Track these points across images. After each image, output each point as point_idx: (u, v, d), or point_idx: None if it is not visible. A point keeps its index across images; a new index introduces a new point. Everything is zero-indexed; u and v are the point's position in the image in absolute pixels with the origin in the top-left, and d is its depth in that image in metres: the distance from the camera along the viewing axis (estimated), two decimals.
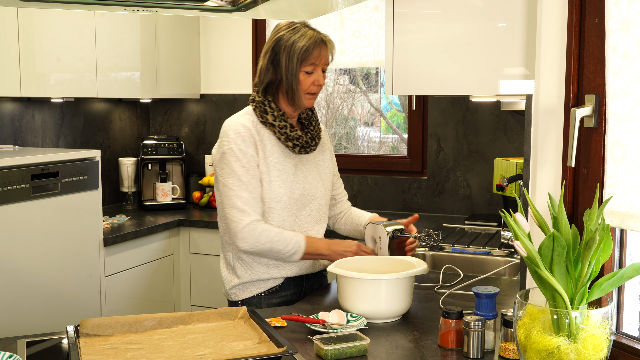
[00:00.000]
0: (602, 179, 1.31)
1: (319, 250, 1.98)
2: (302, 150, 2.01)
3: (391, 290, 1.72)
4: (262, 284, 2.04)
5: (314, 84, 1.98)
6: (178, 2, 1.81)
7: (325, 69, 2.02)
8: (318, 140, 2.07)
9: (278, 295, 2.05)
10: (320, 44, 1.97)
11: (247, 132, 1.95)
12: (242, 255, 2.02)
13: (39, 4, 1.82)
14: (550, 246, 1.18)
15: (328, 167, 2.15)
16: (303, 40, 1.95)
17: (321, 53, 1.97)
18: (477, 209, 3.47)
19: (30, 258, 2.53)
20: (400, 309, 1.75)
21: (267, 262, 2.01)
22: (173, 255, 3.43)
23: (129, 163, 3.72)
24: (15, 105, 3.17)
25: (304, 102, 2.00)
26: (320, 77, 1.99)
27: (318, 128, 2.10)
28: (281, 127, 1.98)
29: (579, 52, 1.35)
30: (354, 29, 3.59)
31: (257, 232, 1.92)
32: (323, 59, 1.98)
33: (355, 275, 1.73)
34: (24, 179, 2.49)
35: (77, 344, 1.49)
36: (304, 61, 1.95)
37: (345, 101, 3.95)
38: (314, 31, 1.98)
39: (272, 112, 1.99)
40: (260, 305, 2.04)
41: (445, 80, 1.76)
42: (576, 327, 1.17)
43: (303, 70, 1.97)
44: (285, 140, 1.98)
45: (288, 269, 2.03)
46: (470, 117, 3.47)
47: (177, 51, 3.82)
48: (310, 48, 1.95)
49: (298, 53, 1.94)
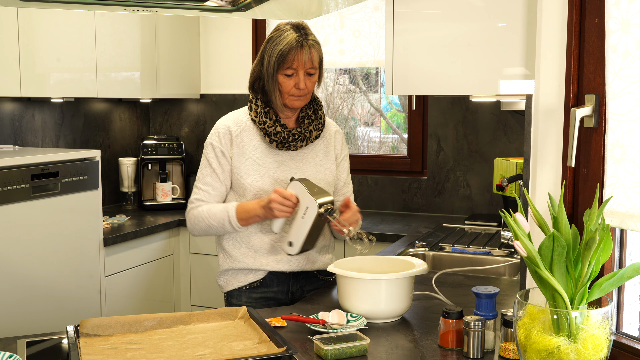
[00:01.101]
0: (602, 179, 1.31)
1: (252, 211, 1.98)
2: (280, 146, 2.03)
3: (391, 290, 1.72)
4: (242, 277, 2.08)
5: (295, 87, 1.99)
6: (178, 2, 1.81)
7: (311, 72, 2.00)
8: (307, 139, 2.07)
9: (259, 291, 2.07)
10: (297, 48, 1.96)
11: (224, 130, 2.06)
12: (224, 244, 2.11)
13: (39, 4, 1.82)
14: (550, 246, 1.18)
15: (329, 169, 2.14)
16: (282, 43, 1.97)
17: (297, 57, 1.96)
18: (477, 209, 3.47)
19: (30, 258, 2.53)
20: (400, 308, 1.75)
21: (244, 252, 2.06)
22: (173, 255, 3.44)
23: (129, 163, 3.72)
24: (15, 105, 3.17)
25: (288, 103, 2.02)
26: (300, 80, 1.98)
27: (312, 128, 2.08)
28: (261, 122, 2.04)
29: (579, 52, 1.35)
30: (354, 29, 3.59)
31: (193, 215, 2.08)
32: (301, 63, 1.97)
33: (355, 275, 1.73)
34: (24, 179, 2.49)
35: (77, 344, 1.49)
36: (281, 65, 1.98)
37: (345, 101, 3.95)
38: (297, 34, 1.97)
39: (257, 108, 2.06)
40: (240, 298, 2.08)
41: (445, 80, 1.76)
42: (576, 327, 1.17)
43: (282, 73, 1.99)
44: (265, 135, 2.04)
45: (265, 260, 2.05)
46: (470, 117, 3.47)
47: (177, 51, 3.82)
48: (286, 52, 1.96)
49: (276, 56, 1.97)
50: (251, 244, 2.06)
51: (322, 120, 2.12)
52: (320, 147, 2.13)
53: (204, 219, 2.04)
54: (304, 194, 1.93)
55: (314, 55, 2.00)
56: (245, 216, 1.99)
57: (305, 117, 2.10)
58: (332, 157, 2.16)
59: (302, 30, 1.99)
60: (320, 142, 2.13)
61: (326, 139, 2.15)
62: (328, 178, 2.12)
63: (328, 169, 2.13)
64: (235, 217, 1.99)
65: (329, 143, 2.16)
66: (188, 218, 2.11)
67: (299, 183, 1.94)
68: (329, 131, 2.17)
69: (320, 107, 2.14)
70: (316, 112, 2.12)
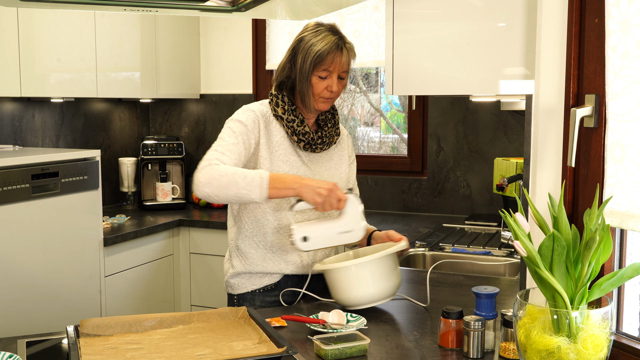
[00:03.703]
0: (602, 179, 1.31)
1: (287, 183, 1.81)
2: (307, 146, 2.00)
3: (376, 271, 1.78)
4: (257, 280, 2.03)
5: (326, 89, 1.98)
6: (178, 2, 1.81)
7: (343, 75, 2.00)
8: (330, 143, 2.06)
9: (273, 294, 2.03)
10: (336, 50, 1.94)
11: (253, 115, 1.98)
12: (240, 244, 2.03)
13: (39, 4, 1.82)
14: (550, 246, 1.18)
15: (343, 172, 2.13)
16: (320, 44, 1.94)
17: (335, 60, 1.95)
18: (477, 209, 3.47)
19: (30, 258, 2.53)
20: (390, 287, 1.80)
21: (263, 254, 2.01)
22: (173, 255, 3.44)
23: (129, 163, 3.72)
24: (15, 105, 3.17)
25: (316, 106, 2.00)
26: (333, 83, 1.97)
27: (334, 132, 2.08)
28: (289, 120, 1.99)
29: (579, 52, 1.35)
30: (354, 29, 3.59)
31: (213, 169, 1.84)
32: (337, 66, 1.96)
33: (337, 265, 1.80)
34: (24, 179, 2.49)
35: (77, 344, 1.49)
36: (317, 65, 1.94)
37: (345, 101, 3.95)
38: (336, 37, 1.96)
39: (284, 105, 2.01)
40: (253, 301, 2.03)
41: (445, 80, 1.76)
42: (576, 327, 1.17)
43: (316, 74, 1.96)
44: (292, 134, 1.99)
45: (284, 264, 2.01)
46: (470, 117, 3.47)
47: (177, 51, 3.82)
48: (325, 54, 1.93)
49: (312, 57, 1.94)
50: (268, 245, 2.00)
51: (339, 125, 2.13)
52: (335, 150, 2.13)
53: (229, 174, 1.82)
54: (355, 215, 1.85)
55: (349, 59, 2.00)
56: (279, 185, 1.82)
57: (327, 121, 2.10)
58: (346, 160, 2.15)
59: (338, 33, 1.98)
60: (335, 146, 2.13)
61: (339, 142, 2.15)
62: (342, 182, 2.12)
63: (343, 172, 2.12)
64: (268, 183, 1.81)
65: (342, 147, 2.15)
66: (202, 172, 1.84)
67: (358, 203, 1.86)
68: (341, 135, 2.17)
69: (336, 112, 2.15)
70: (334, 116, 2.12)
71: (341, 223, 1.85)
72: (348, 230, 1.85)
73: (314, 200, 1.78)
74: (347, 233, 1.85)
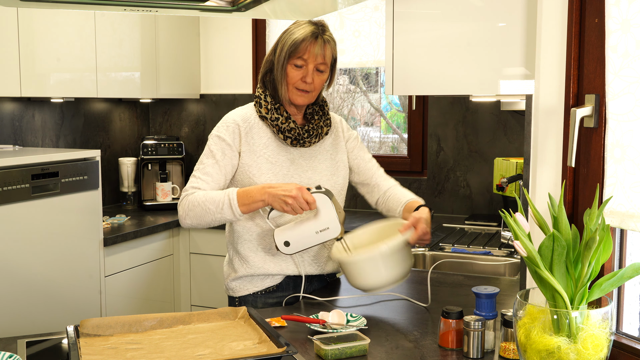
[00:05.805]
0: (602, 179, 1.31)
1: (254, 197, 1.85)
2: (295, 142, 2.00)
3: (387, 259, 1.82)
4: (259, 282, 2.02)
5: (301, 80, 1.96)
6: (178, 2, 1.81)
7: (322, 68, 1.98)
8: (319, 135, 2.05)
9: (275, 295, 2.03)
10: (311, 39, 1.94)
11: (233, 124, 2.00)
12: (239, 249, 2.02)
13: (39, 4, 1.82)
14: (550, 246, 1.18)
15: (342, 161, 2.12)
16: (297, 33, 1.95)
17: (309, 48, 1.94)
18: (477, 209, 3.47)
19: (30, 258, 2.53)
20: (402, 270, 1.84)
21: (263, 257, 2.00)
22: (173, 255, 3.44)
23: (129, 163, 3.72)
24: (15, 105, 3.17)
25: (291, 97, 1.99)
26: (308, 73, 1.95)
27: (322, 123, 2.06)
28: (273, 119, 1.99)
29: (579, 52, 1.35)
30: (354, 29, 3.59)
31: (188, 201, 1.92)
32: (312, 56, 1.95)
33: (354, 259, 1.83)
34: (24, 179, 2.49)
35: (77, 344, 1.49)
36: (292, 54, 1.95)
37: (345, 101, 3.95)
38: (314, 27, 1.96)
39: (267, 105, 2.01)
40: (255, 303, 2.03)
41: (445, 80, 1.76)
42: (576, 327, 1.17)
43: (292, 62, 1.96)
44: (278, 132, 1.99)
45: (285, 265, 2.01)
46: (470, 117, 3.47)
47: (177, 51, 3.82)
48: (299, 42, 1.94)
49: (289, 45, 1.95)
50: (267, 247, 2.00)
51: (329, 116, 2.11)
52: (329, 140, 2.11)
53: (201, 203, 1.89)
54: (329, 212, 1.86)
55: (327, 52, 1.98)
56: (247, 201, 1.86)
57: (314, 113, 2.08)
58: (343, 147, 2.14)
59: (321, 26, 1.98)
60: (328, 137, 2.11)
61: (332, 132, 2.13)
62: (341, 170, 2.10)
63: (342, 161, 2.11)
64: (237, 202, 1.87)
65: (337, 135, 2.14)
66: (181, 205, 1.94)
67: (328, 199, 1.86)
68: (333, 123, 2.14)
69: (326, 104, 2.13)
70: (323, 108, 2.11)
71: (318, 222, 1.88)
72: (325, 228, 1.88)
73: (283, 208, 1.83)
74: (325, 231, 1.88)
